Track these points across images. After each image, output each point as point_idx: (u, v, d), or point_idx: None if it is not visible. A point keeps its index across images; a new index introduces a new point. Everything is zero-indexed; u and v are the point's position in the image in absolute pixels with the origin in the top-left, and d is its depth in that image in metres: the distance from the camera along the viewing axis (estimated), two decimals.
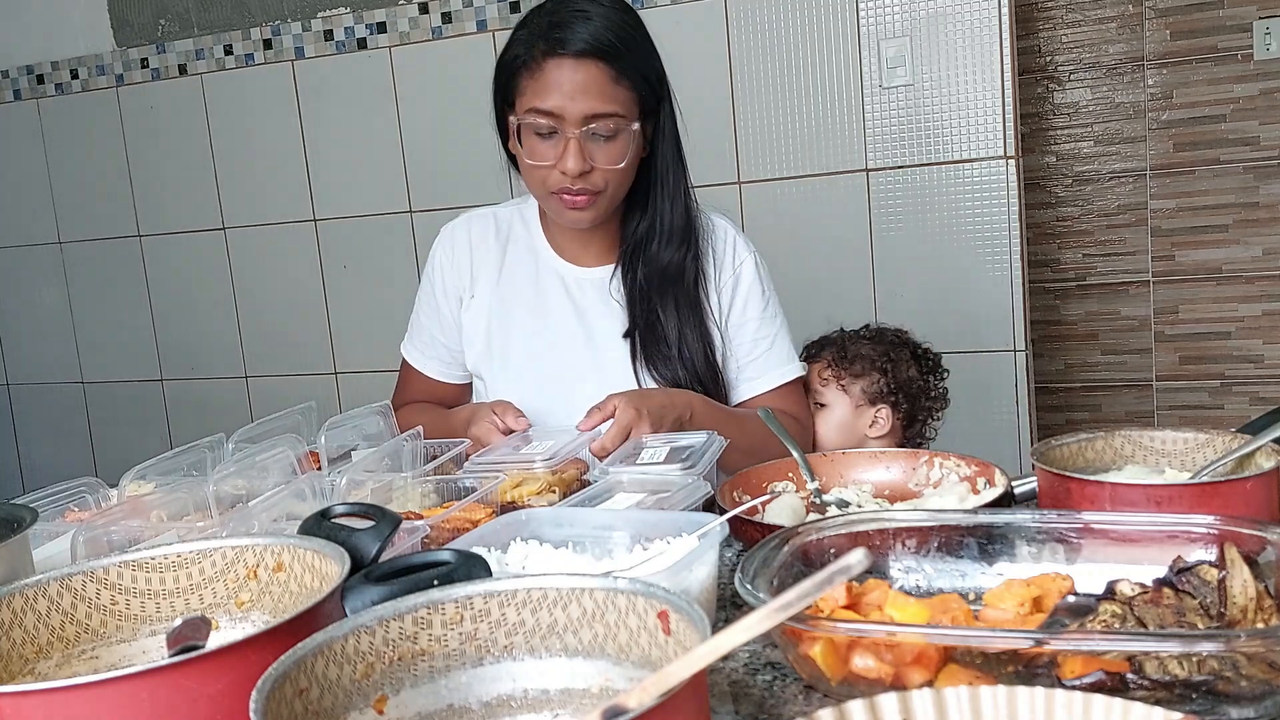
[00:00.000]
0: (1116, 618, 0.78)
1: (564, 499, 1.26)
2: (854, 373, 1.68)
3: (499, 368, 1.67)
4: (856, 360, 1.68)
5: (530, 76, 1.49)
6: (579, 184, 1.49)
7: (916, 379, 1.71)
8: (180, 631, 0.79)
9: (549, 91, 1.47)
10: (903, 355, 1.71)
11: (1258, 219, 3.45)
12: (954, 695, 0.55)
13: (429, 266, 1.75)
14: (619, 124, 1.49)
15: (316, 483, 1.22)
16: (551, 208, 1.58)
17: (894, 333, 1.75)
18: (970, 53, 2.46)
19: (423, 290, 1.77)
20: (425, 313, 1.76)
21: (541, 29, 1.48)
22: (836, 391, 1.68)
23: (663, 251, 1.61)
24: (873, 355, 1.69)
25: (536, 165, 1.51)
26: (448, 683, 0.70)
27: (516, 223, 1.72)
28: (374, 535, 0.87)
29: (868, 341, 1.72)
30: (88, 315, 3.46)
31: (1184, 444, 1.14)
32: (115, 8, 3.22)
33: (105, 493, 1.34)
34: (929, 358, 1.75)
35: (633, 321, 1.63)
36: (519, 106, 1.51)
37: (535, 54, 1.48)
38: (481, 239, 1.71)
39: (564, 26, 1.46)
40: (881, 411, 1.67)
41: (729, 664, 0.86)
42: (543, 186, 1.54)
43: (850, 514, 1.03)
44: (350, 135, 3.02)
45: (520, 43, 1.51)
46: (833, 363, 1.70)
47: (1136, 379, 3.65)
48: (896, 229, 2.58)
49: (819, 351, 1.73)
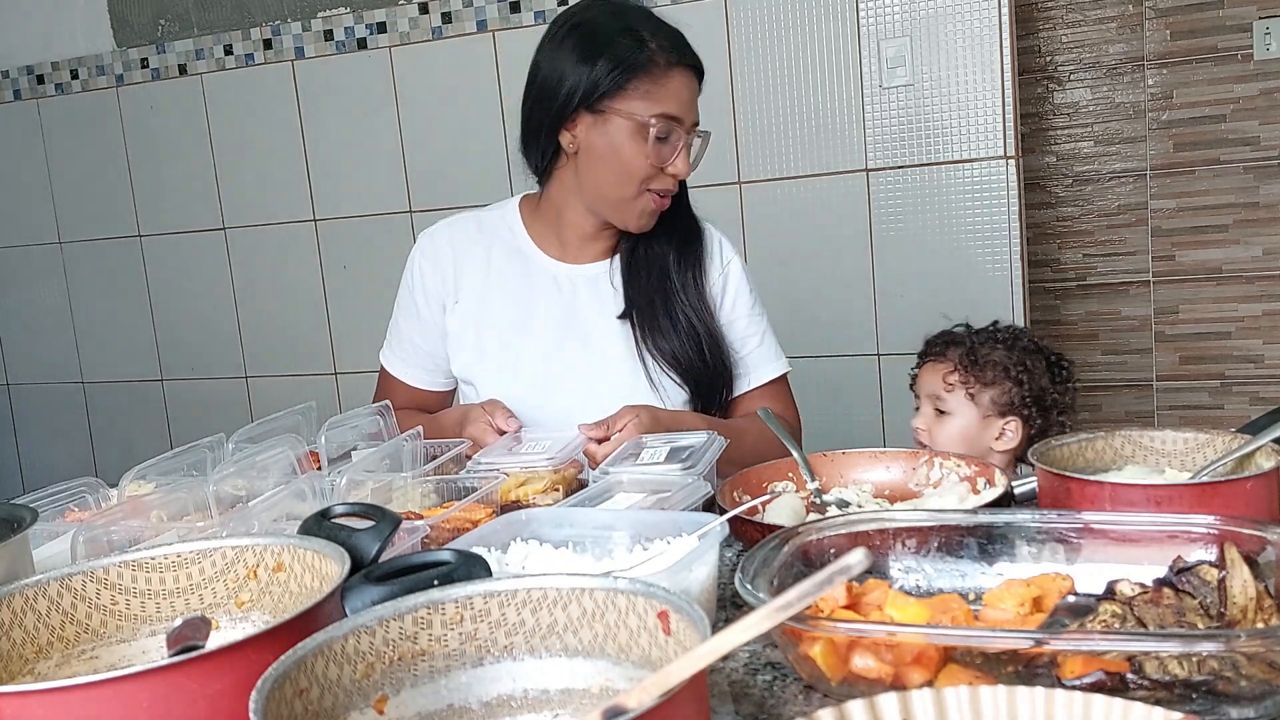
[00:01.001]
0: (1116, 618, 0.78)
1: (564, 499, 1.26)
2: (985, 380, 1.51)
3: (493, 369, 1.67)
4: (988, 366, 1.52)
5: (654, 81, 1.53)
6: (674, 186, 1.59)
7: (1050, 390, 1.54)
8: (180, 631, 0.79)
9: (676, 98, 1.55)
10: (1038, 364, 1.54)
11: (1258, 219, 3.44)
12: (954, 695, 0.55)
13: (408, 273, 1.74)
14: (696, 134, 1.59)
15: (316, 483, 1.22)
16: (636, 206, 1.59)
17: (1029, 338, 1.59)
18: (970, 53, 2.46)
19: (401, 297, 1.76)
20: (405, 319, 1.75)
21: (655, 36, 1.54)
22: (963, 399, 1.51)
23: (666, 239, 1.66)
24: (1007, 362, 1.52)
25: (652, 165, 1.55)
26: (448, 683, 0.70)
27: (499, 225, 1.72)
28: (374, 535, 0.87)
29: (1001, 346, 1.54)
30: (88, 315, 3.46)
31: (1184, 444, 1.14)
32: (115, 8, 3.22)
33: (105, 493, 1.34)
34: (1063, 367, 1.59)
35: (629, 301, 1.65)
36: (639, 108, 1.53)
37: (660, 60, 1.54)
38: (465, 242, 1.71)
39: (674, 37, 1.57)
40: (1011, 424, 1.51)
41: (729, 664, 0.86)
42: (638, 186, 1.56)
43: (850, 514, 1.03)
44: (350, 135, 3.02)
45: (634, 46, 1.53)
46: (961, 367, 1.52)
47: (1136, 379, 3.65)
48: (896, 229, 2.58)
49: (944, 351, 1.56)
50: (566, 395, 1.62)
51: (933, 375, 1.55)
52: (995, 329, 1.59)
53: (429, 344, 1.73)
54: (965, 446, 1.48)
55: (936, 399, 1.53)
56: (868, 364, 2.62)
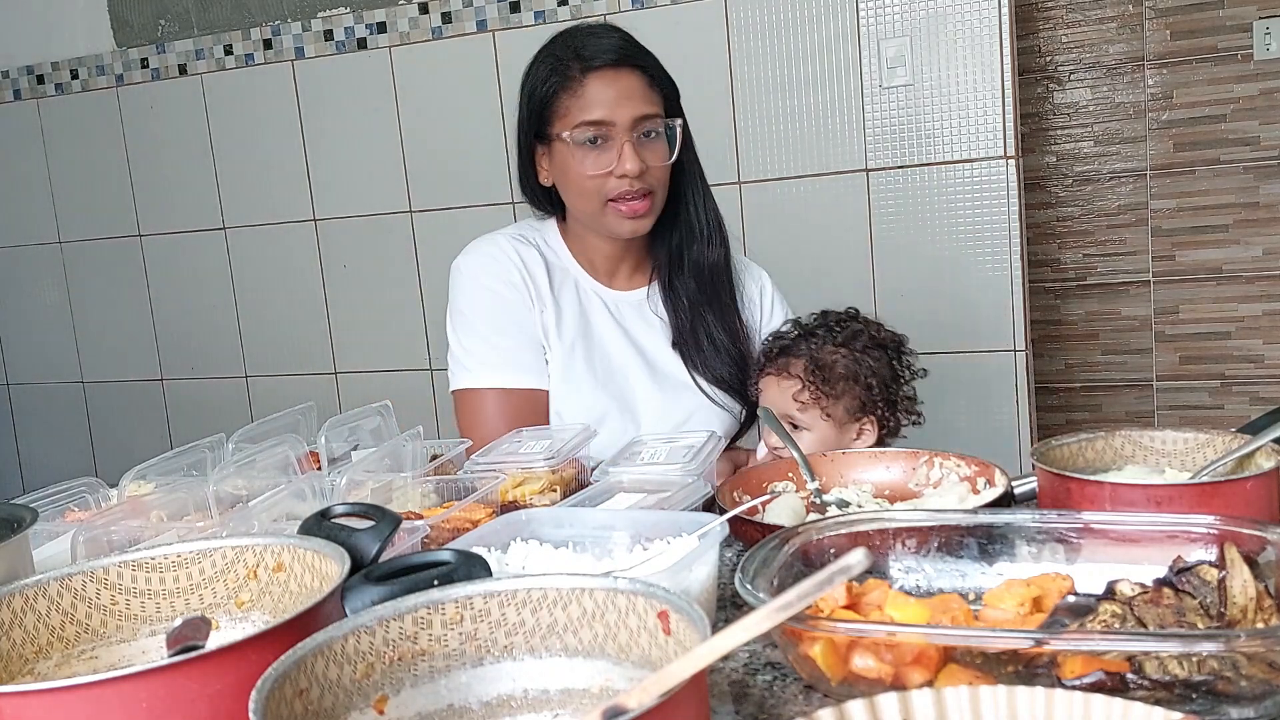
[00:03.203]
0: (1116, 618, 0.78)
1: (564, 499, 1.26)
2: (835, 393, 1.43)
3: (566, 392, 1.62)
4: (835, 379, 1.43)
5: (572, 96, 1.53)
6: (637, 185, 1.54)
7: (887, 373, 1.46)
8: (180, 631, 0.79)
9: (594, 104, 1.52)
10: (881, 359, 1.46)
11: (1258, 219, 3.44)
12: (954, 695, 0.55)
13: (481, 284, 1.64)
14: (662, 123, 1.56)
15: (316, 483, 1.22)
16: (607, 221, 1.58)
17: (865, 329, 1.49)
18: (970, 53, 2.46)
19: (480, 312, 1.63)
20: (498, 330, 1.62)
21: (569, 53, 1.54)
22: (818, 416, 1.44)
23: (705, 253, 1.67)
24: (853, 368, 1.44)
25: (592, 176, 1.54)
26: (448, 683, 0.70)
27: (545, 247, 1.68)
28: (374, 535, 0.87)
29: (842, 349, 1.45)
30: (88, 315, 3.46)
31: (1184, 444, 1.14)
32: (115, 8, 3.22)
33: (105, 493, 1.34)
34: (891, 341, 1.50)
35: (678, 333, 1.67)
36: (563, 126, 1.54)
37: (572, 74, 1.53)
38: (532, 261, 1.64)
39: (591, 45, 1.53)
40: (866, 423, 1.46)
41: (729, 664, 0.86)
42: (598, 199, 1.56)
43: (850, 514, 1.03)
44: (350, 135, 3.02)
45: (549, 71, 1.55)
46: (809, 384, 1.44)
47: (1136, 379, 3.65)
48: (896, 229, 2.58)
49: (786, 366, 1.47)
50: (637, 414, 1.64)
51: (780, 394, 1.46)
52: (829, 325, 1.49)
53: (533, 346, 1.62)
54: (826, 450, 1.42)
55: (789, 417, 1.45)
56: None
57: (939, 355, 2.60)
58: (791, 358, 1.47)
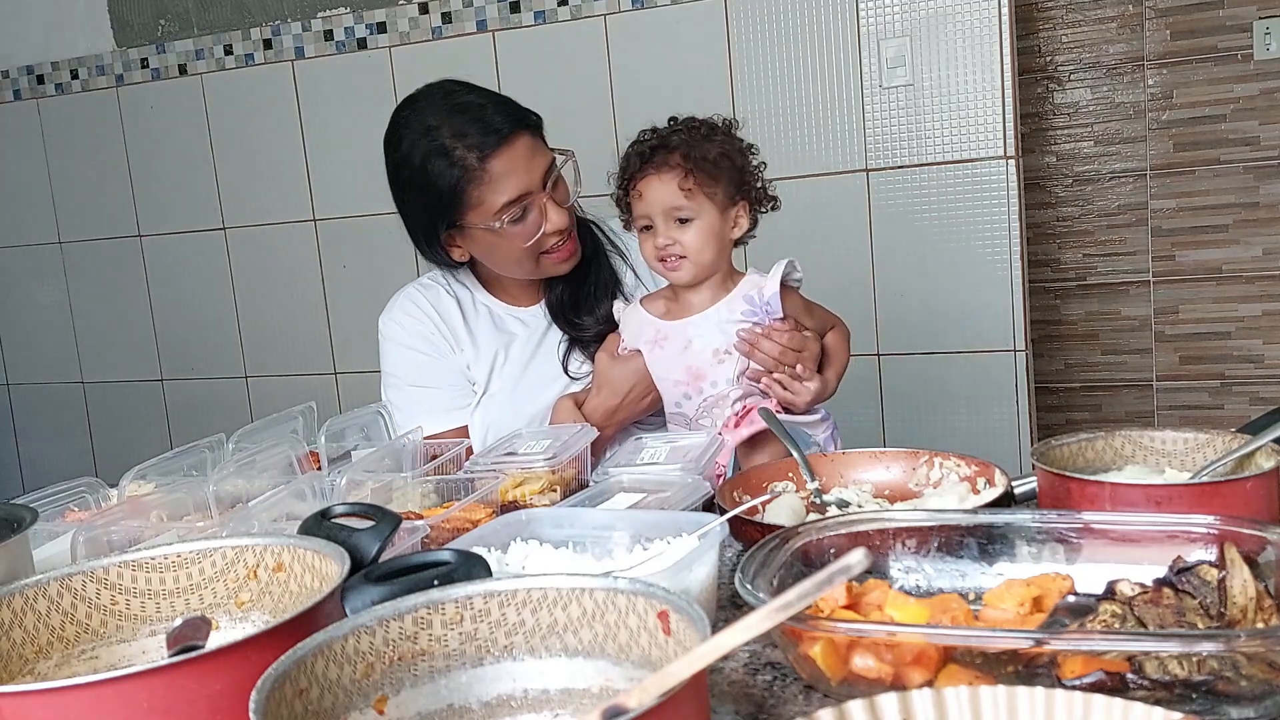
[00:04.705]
0: (1116, 618, 0.78)
1: (564, 499, 1.26)
2: (716, 175, 1.46)
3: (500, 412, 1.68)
4: (713, 161, 1.46)
5: (480, 185, 1.53)
6: (566, 228, 1.58)
7: (738, 155, 1.50)
8: (180, 631, 0.79)
9: (507, 185, 1.53)
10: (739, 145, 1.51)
11: (1258, 219, 3.44)
12: (954, 695, 0.55)
13: (401, 343, 1.71)
14: (560, 164, 1.58)
15: (316, 483, 1.22)
16: (542, 269, 1.64)
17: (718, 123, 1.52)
18: (970, 53, 2.46)
19: (403, 372, 1.71)
20: (424, 376, 1.70)
21: (456, 143, 1.52)
22: (704, 201, 1.46)
23: None
24: (726, 149, 1.48)
25: (526, 246, 1.57)
26: (448, 683, 0.70)
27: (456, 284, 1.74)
28: (374, 535, 0.87)
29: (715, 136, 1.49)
30: (88, 315, 3.46)
31: (1184, 444, 1.14)
32: (115, 8, 3.22)
33: (105, 493, 1.34)
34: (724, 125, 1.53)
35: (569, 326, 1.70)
36: (482, 215, 1.54)
37: (470, 164, 1.52)
38: (445, 306, 1.72)
39: (474, 128, 1.52)
40: (740, 209, 1.50)
41: (729, 664, 0.86)
42: (532, 256, 1.59)
43: (850, 514, 1.03)
44: (350, 135, 3.02)
45: (445, 165, 1.53)
46: (690, 170, 1.45)
47: (1136, 379, 3.65)
48: (896, 229, 2.58)
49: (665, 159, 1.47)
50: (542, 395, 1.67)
51: (664, 187, 1.46)
52: (687, 126, 1.51)
53: (460, 385, 1.70)
54: (715, 245, 1.49)
55: (676, 210, 1.46)
56: (868, 364, 2.62)
57: (939, 355, 2.60)
58: (668, 151, 1.48)
